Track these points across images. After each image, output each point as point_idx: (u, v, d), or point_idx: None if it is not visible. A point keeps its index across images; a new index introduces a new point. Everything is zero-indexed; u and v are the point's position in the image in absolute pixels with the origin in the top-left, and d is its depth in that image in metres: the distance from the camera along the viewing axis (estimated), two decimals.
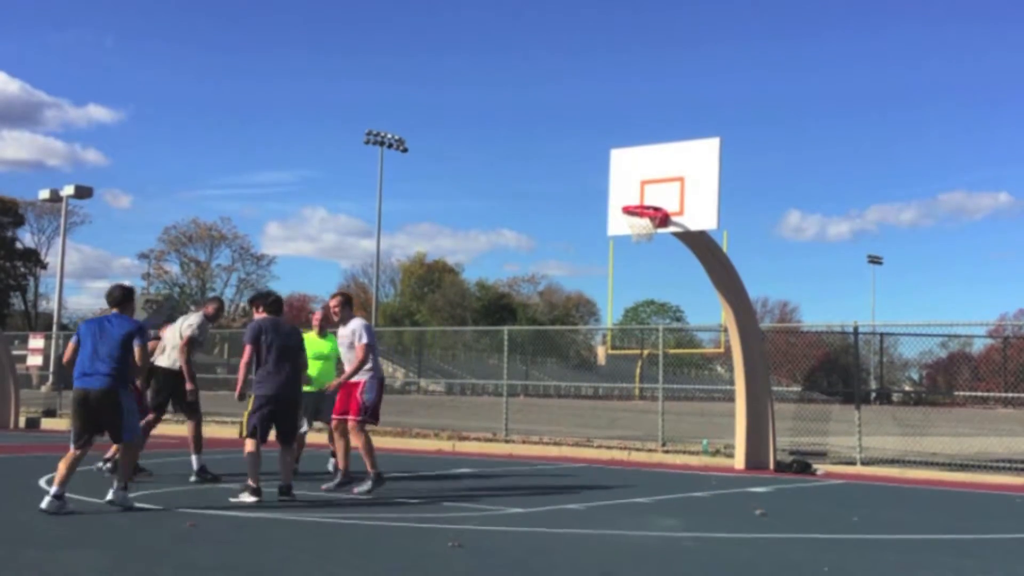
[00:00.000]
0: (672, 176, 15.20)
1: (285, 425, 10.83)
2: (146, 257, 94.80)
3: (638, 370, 65.04)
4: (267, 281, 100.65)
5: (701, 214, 14.97)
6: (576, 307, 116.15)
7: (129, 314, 10.10)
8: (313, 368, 12.70)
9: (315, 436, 18.51)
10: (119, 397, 9.64)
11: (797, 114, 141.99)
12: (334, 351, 13.14)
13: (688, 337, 67.63)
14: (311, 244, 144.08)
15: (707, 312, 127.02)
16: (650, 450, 18.85)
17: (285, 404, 10.81)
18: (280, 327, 11.00)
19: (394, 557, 7.59)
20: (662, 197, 15.14)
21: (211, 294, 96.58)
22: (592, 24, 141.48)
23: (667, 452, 18.60)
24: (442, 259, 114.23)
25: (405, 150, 75.05)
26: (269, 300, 11.33)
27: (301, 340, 11.18)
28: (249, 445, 10.61)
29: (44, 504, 9.33)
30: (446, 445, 20.14)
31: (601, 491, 12.54)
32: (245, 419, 10.78)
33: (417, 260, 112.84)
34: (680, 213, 15.04)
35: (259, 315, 11.10)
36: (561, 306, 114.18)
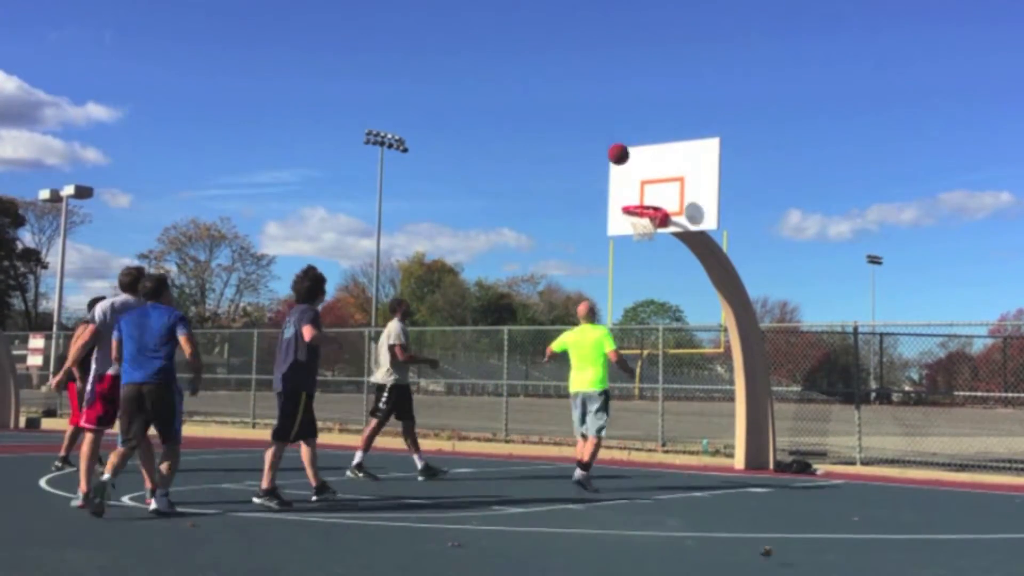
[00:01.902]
0: (672, 176, 15.21)
1: (278, 421, 10.51)
2: (146, 257, 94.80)
3: (638, 370, 64.98)
4: (267, 281, 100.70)
5: (701, 214, 14.99)
6: (576, 307, 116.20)
7: (167, 303, 9.79)
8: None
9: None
10: (171, 394, 9.49)
11: (797, 114, 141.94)
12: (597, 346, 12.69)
13: (688, 337, 67.55)
14: (311, 244, 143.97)
15: (707, 312, 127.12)
16: (650, 450, 18.87)
17: (279, 397, 10.47)
18: (291, 314, 10.60)
19: (394, 557, 7.60)
20: (662, 197, 15.15)
21: (211, 295, 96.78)
22: (592, 24, 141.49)
23: (667, 452, 18.62)
24: (441, 259, 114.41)
25: (405, 150, 75.07)
26: (301, 285, 10.69)
27: (311, 323, 10.32)
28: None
29: (155, 503, 9.33)
30: (446, 445, 20.15)
31: (601, 491, 12.53)
32: None
33: (416, 260, 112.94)
34: (680, 213, 15.05)
35: None
36: (561, 306, 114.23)
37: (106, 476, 9.21)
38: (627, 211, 15.25)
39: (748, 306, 16.92)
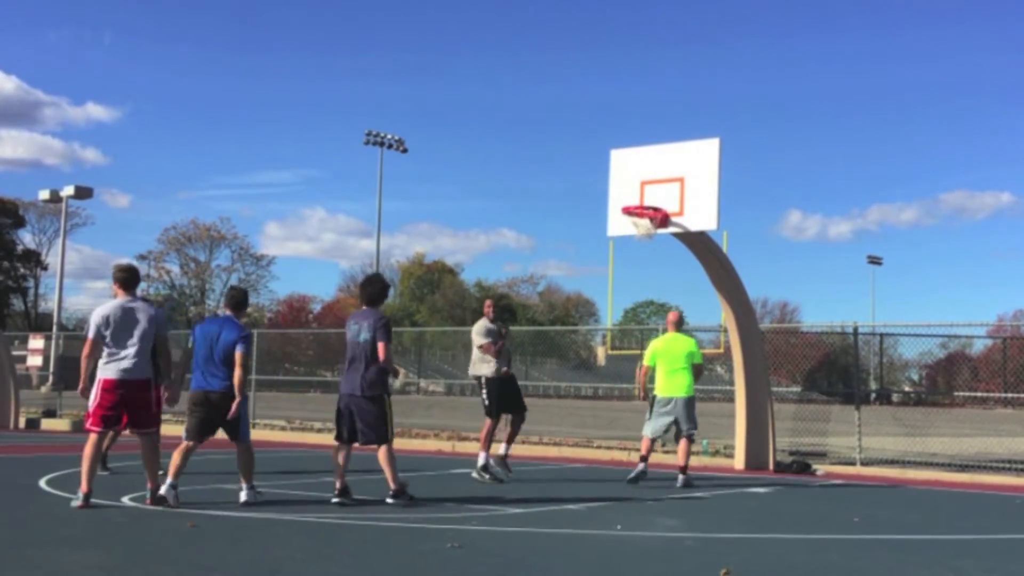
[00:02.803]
0: (672, 177, 15.21)
1: (357, 425, 10.58)
2: (145, 258, 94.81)
3: (638, 370, 64.73)
4: (267, 281, 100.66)
5: (701, 214, 14.99)
6: (576, 307, 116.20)
7: (241, 317, 10.69)
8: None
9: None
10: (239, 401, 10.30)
11: (797, 114, 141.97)
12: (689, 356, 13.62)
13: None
14: (310, 244, 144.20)
15: (707, 312, 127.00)
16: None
17: (363, 401, 10.54)
18: (361, 317, 10.72)
19: (394, 557, 7.61)
20: (662, 197, 15.16)
21: (211, 295, 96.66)
22: (592, 23, 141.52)
23: (667, 452, 18.60)
24: (441, 259, 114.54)
25: (405, 150, 75.12)
26: (371, 288, 10.90)
27: (386, 341, 10.53)
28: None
29: (163, 491, 9.92)
30: (446, 445, 20.15)
31: (601, 491, 12.54)
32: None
33: (416, 260, 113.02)
34: (680, 213, 15.05)
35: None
36: (561, 306, 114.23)
37: (170, 480, 10.03)
38: (627, 211, 15.23)
39: (748, 306, 16.93)
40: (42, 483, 11.82)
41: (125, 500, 10.34)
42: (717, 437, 19.37)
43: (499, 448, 13.77)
